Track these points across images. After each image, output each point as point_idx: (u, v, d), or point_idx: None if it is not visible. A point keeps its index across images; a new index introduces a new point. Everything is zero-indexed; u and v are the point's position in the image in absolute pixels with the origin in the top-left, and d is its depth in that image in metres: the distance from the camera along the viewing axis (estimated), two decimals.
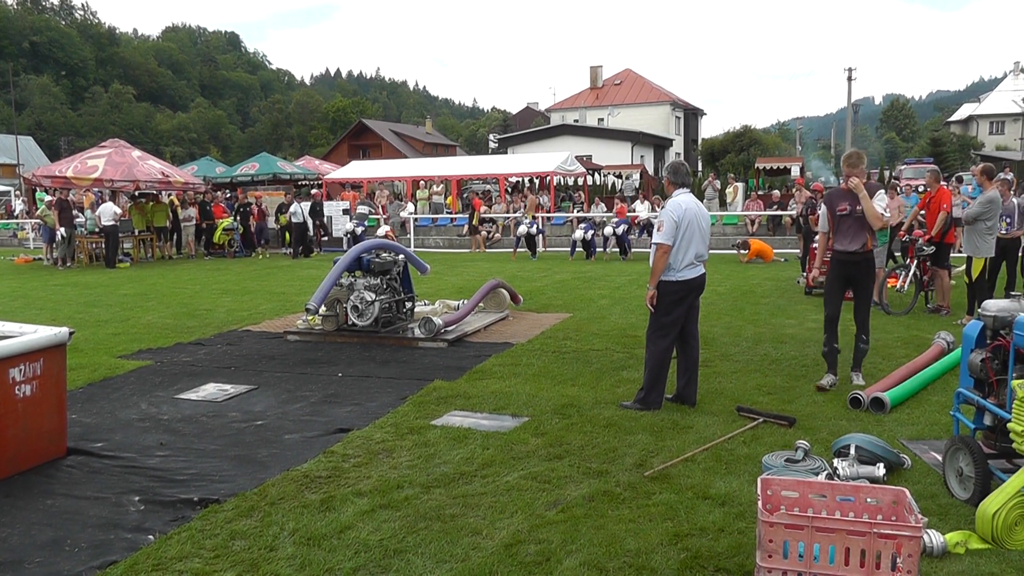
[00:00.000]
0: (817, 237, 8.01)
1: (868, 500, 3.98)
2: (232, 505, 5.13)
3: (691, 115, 76.31)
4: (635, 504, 4.93)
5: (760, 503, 3.89)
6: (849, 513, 3.96)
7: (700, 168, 58.34)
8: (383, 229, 24.71)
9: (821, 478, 4.94)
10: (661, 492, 5.09)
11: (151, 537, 4.72)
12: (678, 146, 69.00)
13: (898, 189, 18.37)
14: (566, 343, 10.05)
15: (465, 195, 35.64)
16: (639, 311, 12.29)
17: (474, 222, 27.21)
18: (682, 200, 7.06)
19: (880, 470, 5.26)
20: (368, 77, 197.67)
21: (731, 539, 4.41)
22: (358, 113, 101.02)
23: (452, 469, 5.62)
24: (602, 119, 67.55)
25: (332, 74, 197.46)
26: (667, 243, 6.93)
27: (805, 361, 8.88)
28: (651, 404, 7.05)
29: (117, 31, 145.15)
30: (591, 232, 22.86)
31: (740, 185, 32.52)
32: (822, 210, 8.03)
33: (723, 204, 31.56)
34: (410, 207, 30.54)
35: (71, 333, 6.37)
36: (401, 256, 11.45)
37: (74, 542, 4.72)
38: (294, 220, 25.86)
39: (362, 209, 27.09)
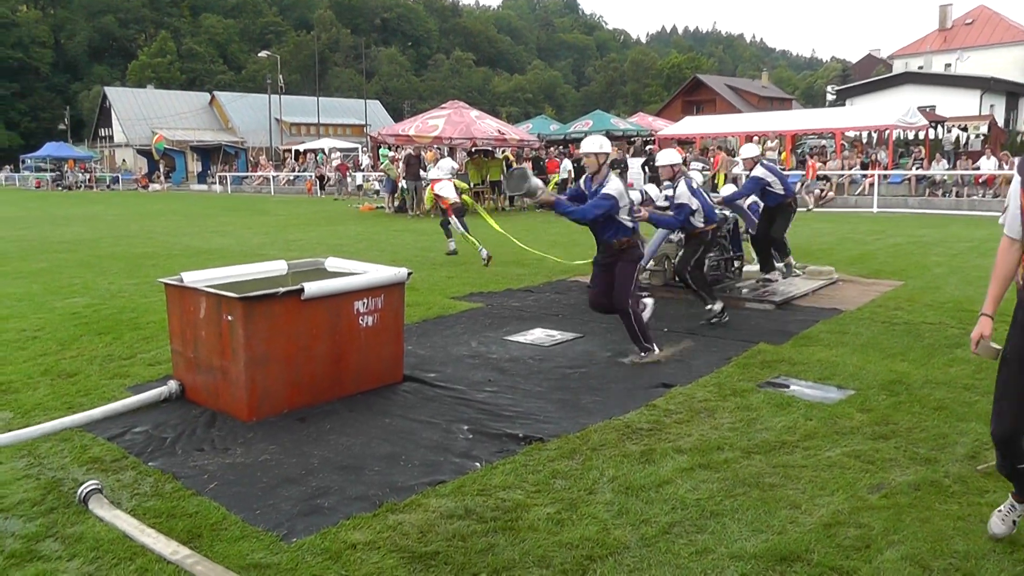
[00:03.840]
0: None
1: None
2: (555, 445, 5.23)
3: None
4: (965, 500, 4.40)
5: None
6: None
7: None
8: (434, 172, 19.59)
9: None
10: (995, 491, 4.47)
11: (477, 464, 4.94)
12: None
13: None
14: (897, 313, 9.32)
15: (799, 151, 34.22)
16: (978, 282, 11.13)
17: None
18: None
19: None
20: (704, 32, 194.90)
21: None
22: (693, 69, 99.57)
23: (773, 437, 5.36)
24: (949, 64, 60.87)
25: (668, 31, 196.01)
26: None
27: None
28: None
29: (460, 3, 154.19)
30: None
31: None
32: (1013, 187, 3.92)
33: None
34: (741, 163, 29.78)
35: (409, 273, 6.81)
36: (731, 214, 11.21)
37: (408, 458, 5.07)
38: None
39: (696, 166, 26.88)
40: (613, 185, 7.08)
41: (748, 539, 3.99)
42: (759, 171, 10.77)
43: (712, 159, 29.24)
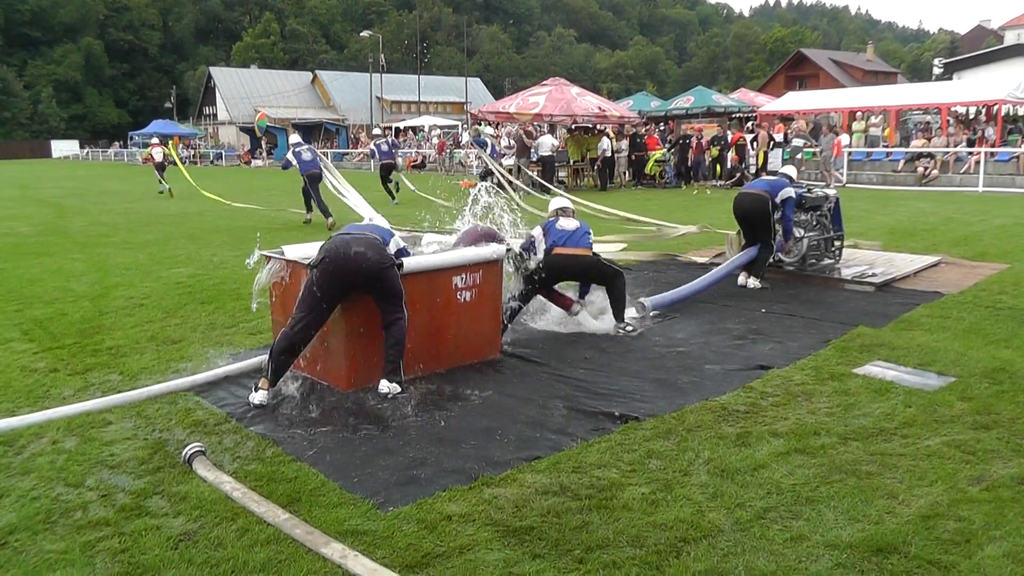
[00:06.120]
0: None
1: None
2: (651, 425, 5.20)
3: None
4: None
5: None
6: None
7: None
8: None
9: None
10: None
11: (573, 442, 4.94)
12: None
13: None
14: (1001, 298, 8.88)
15: (904, 125, 33.10)
16: None
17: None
18: None
19: None
20: (808, 4, 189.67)
21: None
22: (796, 43, 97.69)
23: (871, 423, 5.21)
24: None
25: (771, 4, 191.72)
26: None
27: None
28: None
29: None
30: None
31: None
32: None
33: None
34: (844, 139, 28.95)
35: (508, 250, 6.85)
36: (833, 192, 10.93)
37: (504, 433, 5.09)
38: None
39: (796, 142, 26.31)
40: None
41: (844, 528, 3.90)
42: None
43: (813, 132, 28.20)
